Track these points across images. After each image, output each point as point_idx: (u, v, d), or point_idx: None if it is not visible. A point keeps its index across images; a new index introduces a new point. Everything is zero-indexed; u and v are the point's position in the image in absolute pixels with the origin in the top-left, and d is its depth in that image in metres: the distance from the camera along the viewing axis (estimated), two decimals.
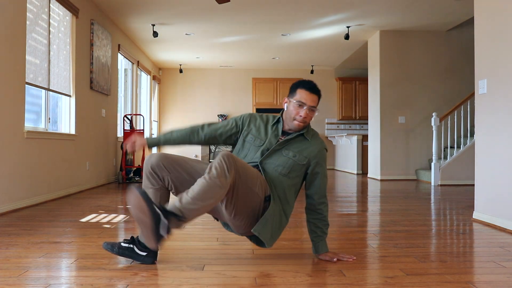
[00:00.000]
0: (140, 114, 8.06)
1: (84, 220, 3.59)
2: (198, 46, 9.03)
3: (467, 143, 7.10)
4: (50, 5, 5.04)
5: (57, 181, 5.07)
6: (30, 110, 4.64)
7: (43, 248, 2.61)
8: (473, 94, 6.80)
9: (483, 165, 3.66)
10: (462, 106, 7.28)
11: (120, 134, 7.85)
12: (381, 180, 7.81)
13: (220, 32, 7.90)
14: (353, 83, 11.29)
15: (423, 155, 7.98)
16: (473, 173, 6.51)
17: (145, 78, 10.22)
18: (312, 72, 11.32)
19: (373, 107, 8.29)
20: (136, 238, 2.25)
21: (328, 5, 6.36)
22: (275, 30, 7.79)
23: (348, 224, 3.49)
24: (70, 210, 4.16)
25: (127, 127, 7.80)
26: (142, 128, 8.82)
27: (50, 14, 5.02)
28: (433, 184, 6.89)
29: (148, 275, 2.07)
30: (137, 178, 7.25)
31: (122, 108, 8.34)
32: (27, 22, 4.41)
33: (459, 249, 2.68)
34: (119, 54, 7.84)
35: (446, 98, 8.00)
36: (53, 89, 5.06)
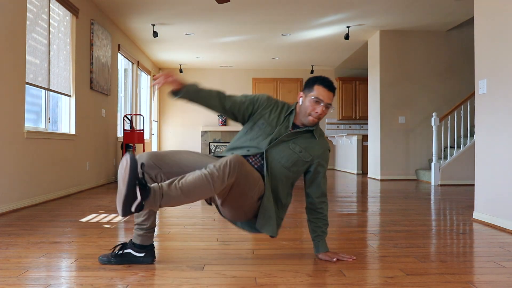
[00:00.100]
0: (140, 114, 8.06)
1: (84, 220, 3.59)
2: (198, 46, 9.03)
3: (467, 143, 7.10)
4: (50, 5, 5.04)
5: (57, 181, 5.07)
6: (30, 110, 4.64)
7: (43, 248, 2.61)
8: (473, 94, 6.80)
9: (483, 165, 3.66)
10: (462, 106, 7.28)
11: (120, 134, 7.85)
12: (381, 180, 7.81)
13: (220, 32, 7.90)
14: (353, 83, 11.29)
15: (423, 155, 7.98)
16: (473, 173, 6.51)
17: (145, 78, 10.22)
18: (312, 72, 11.32)
19: (373, 107, 8.29)
20: (129, 241, 2.27)
21: (328, 5, 6.36)
22: (275, 30, 7.79)
23: (348, 224, 3.49)
24: (70, 210, 4.16)
25: (127, 127, 7.80)
26: (142, 128, 8.81)
27: (50, 14, 5.02)
28: (433, 184, 6.89)
29: (148, 275, 2.07)
30: None
31: (122, 108, 8.34)
32: (27, 22, 4.41)
33: (459, 249, 2.68)
34: (119, 54, 7.84)
35: (446, 98, 8.00)
36: (53, 89, 5.06)
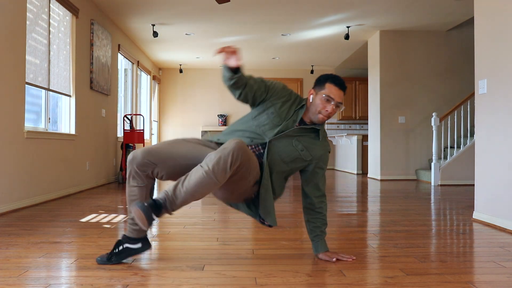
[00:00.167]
0: (140, 114, 8.06)
1: (84, 220, 3.59)
2: (198, 46, 9.03)
3: (467, 143, 7.10)
4: (50, 5, 5.04)
5: (57, 181, 5.07)
6: (30, 110, 4.64)
7: (43, 248, 2.61)
8: (473, 94, 6.80)
9: (483, 165, 3.66)
10: (462, 106, 7.28)
11: (120, 134, 7.85)
12: (381, 180, 7.81)
13: (220, 32, 7.90)
14: (353, 83, 11.28)
15: (423, 155, 7.98)
16: (473, 173, 6.51)
17: (145, 78, 10.22)
18: (312, 72, 11.32)
19: (373, 107, 8.29)
20: (123, 237, 2.27)
21: (328, 5, 6.36)
22: (275, 30, 7.79)
23: (348, 224, 3.49)
24: (70, 210, 4.16)
25: (127, 127, 7.80)
26: (142, 128, 8.81)
27: (50, 14, 5.02)
28: (433, 184, 6.89)
29: (148, 275, 2.07)
30: None
31: (122, 108, 8.34)
32: (27, 22, 4.41)
33: (459, 249, 2.68)
34: (119, 54, 7.84)
35: (446, 98, 8.00)
36: (53, 89, 5.06)
